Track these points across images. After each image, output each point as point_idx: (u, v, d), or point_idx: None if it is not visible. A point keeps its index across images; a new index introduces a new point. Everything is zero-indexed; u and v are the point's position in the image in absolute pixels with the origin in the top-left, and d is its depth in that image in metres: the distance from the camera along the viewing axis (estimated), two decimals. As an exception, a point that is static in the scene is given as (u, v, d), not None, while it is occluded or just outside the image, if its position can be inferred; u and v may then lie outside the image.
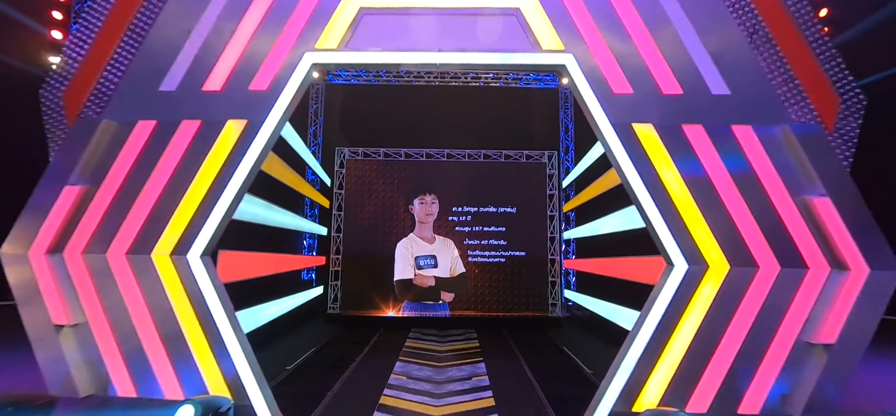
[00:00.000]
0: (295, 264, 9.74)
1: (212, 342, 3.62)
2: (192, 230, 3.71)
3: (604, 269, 8.13)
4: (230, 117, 3.83)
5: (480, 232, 10.07)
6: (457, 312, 9.84)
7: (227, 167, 3.75)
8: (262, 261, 7.58)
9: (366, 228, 10.05)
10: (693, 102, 3.74)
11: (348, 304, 9.91)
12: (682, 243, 3.60)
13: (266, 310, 7.28)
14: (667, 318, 3.56)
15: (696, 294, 3.60)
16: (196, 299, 3.65)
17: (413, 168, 10.20)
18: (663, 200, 3.64)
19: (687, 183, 3.67)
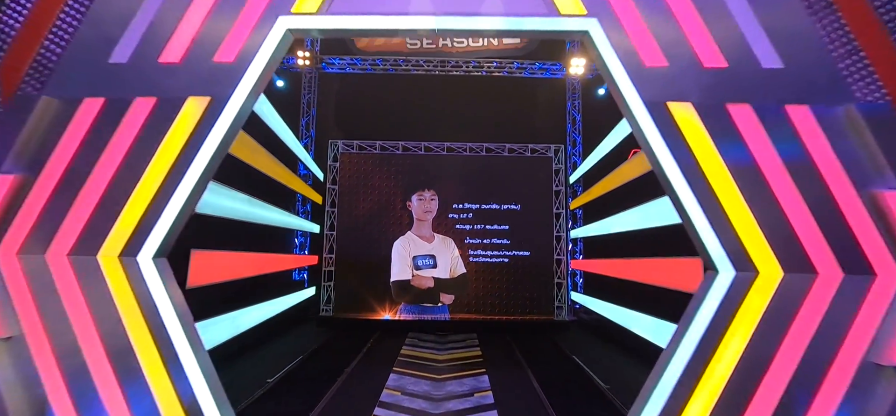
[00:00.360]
0: (284, 263, 9.17)
1: (166, 360, 3.06)
2: (144, 227, 3.14)
3: (618, 271, 7.55)
4: (191, 94, 3.25)
5: (482, 231, 9.50)
6: (457, 315, 9.28)
7: (186, 152, 3.17)
8: (245, 261, 7.00)
9: (361, 225, 9.48)
10: (739, 77, 3.16)
11: (342, 306, 9.35)
12: (727, 245, 3.03)
13: (249, 315, 6.71)
14: (709, 333, 2.99)
15: (744, 305, 3.03)
16: (148, 308, 3.08)
17: (411, 162, 9.62)
18: (704, 194, 3.07)
19: (732, 173, 3.10)
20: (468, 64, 11.07)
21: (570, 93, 11.38)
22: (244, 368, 5.90)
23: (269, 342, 7.65)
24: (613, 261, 7.86)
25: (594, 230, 9.12)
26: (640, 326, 6.68)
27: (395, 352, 6.81)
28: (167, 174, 3.18)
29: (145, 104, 3.27)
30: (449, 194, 9.53)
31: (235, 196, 6.16)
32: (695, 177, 3.10)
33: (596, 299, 9.33)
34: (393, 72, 11.09)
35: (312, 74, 11.23)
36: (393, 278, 9.28)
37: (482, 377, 5.49)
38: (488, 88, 11.14)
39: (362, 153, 9.67)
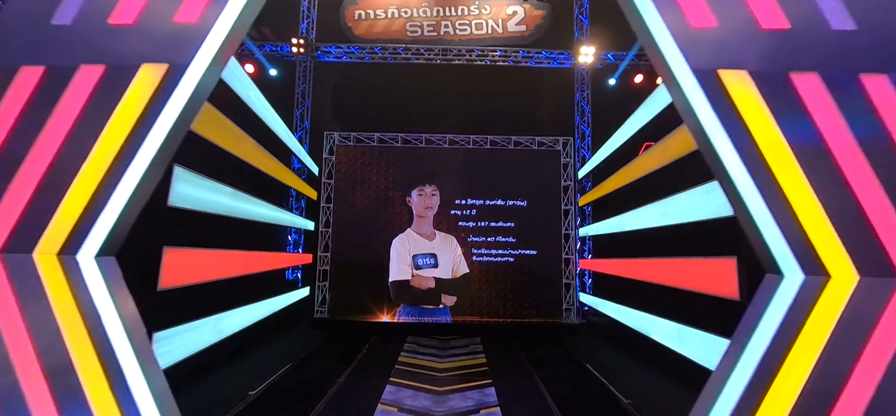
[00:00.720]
0: (275, 262, 8.65)
1: (112, 379, 2.53)
2: (88, 219, 2.62)
3: (635, 272, 7.01)
4: (145, 60, 2.73)
5: (486, 228, 8.97)
6: (459, 318, 8.76)
7: (139, 130, 2.65)
8: (230, 260, 6.47)
9: (357, 222, 8.95)
10: (805, 40, 2.63)
11: (337, 308, 8.83)
12: (793, 243, 2.50)
13: (235, 318, 6.19)
14: (773, 349, 2.47)
15: (813, 316, 2.50)
16: (91, 317, 2.56)
17: (411, 156, 9.09)
18: (764, 181, 2.54)
19: (797, 155, 2.57)
20: (471, 52, 10.53)
21: (579, 83, 10.84)
22: (228, 377, 5.39)
23: (259, 347, 7.14)
24: (630, 261, 7.32)
25: (607, 227, 8.59)
26: (661, 332, 6.15)
27: (392, 359, 6.29)
28: (116, 156, 2.65)
29: (92, 73, 2.75)
30: (451, 190, 9.00)
31: (218, 189, 5.65)
32: (752, 160, 2.56)
33: (607, 302, 8.80)
34: (392, 60, 10.56)
35: (307, 62, 10.70)
36: (391, 278, 8.76)
37: (488, 390, 4.97)
38: (493, 77, 10.61)
39: (359, 146, 9.14)
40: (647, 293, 7.81)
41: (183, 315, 5.37)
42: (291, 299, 8.98)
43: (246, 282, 7.63)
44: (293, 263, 9.80)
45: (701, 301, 6.18)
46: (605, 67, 10.76)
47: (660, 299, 7.51)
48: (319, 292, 9.09)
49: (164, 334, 4.69)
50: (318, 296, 9.07)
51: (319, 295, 9.08)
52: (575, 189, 9.27)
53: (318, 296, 9.07)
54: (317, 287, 9.06)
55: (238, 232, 7.58)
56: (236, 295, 7.04)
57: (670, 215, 6.18)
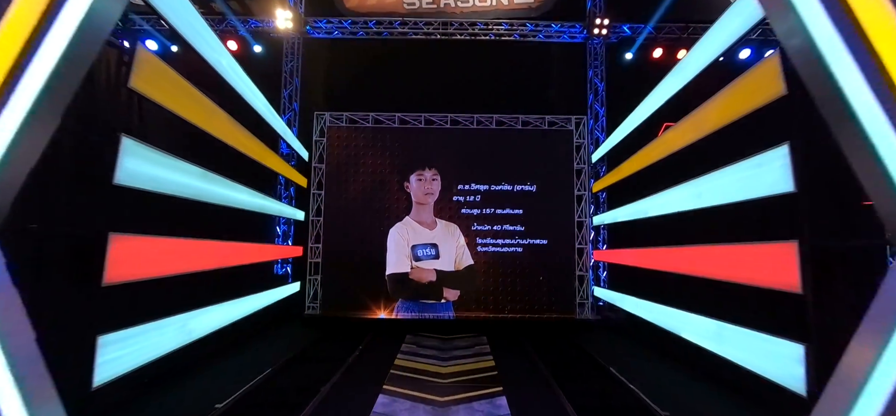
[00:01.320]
0: (261, 255, 7.91)
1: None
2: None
3: (663, 263, 6.25)
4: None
5: (492, 215, 8.21)
6: (463, 313, 8.04)
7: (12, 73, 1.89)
8: (205, 252, 5.74)
9: (351, 210, 8.20)
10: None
11: (330, 303, 8.11)
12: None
13: (206, 318, 5.47)
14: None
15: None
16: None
17: (409, 137, 8.31)
18: (906, 123, 1.75)
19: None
20: (473, 27, 9.70)
21: (592, 58, 10.00)
22: (197, 385, 4.68)
23: (243, 348, 6.43)
24: (655, 251, 6.54)
25: (628, 214, 7.81)
26: (695, 330, 5.40)
27: (388, 361, 5.57)
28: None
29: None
30: (453, 174, 8.23)
31: (181, 168, 4.90)
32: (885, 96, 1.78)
33: (626, 296, 8.06)
34: (388, 36, 9.73)
35: (295, 39, 9.89)
36: (389, 271, 8.03)
37: (499, 400, 4.23)
38: (498, 53, 9.79)
39: (353, 127, 8.36)
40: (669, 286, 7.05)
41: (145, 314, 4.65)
42: (278, 295, 8.27)
43: (228, 277, 6.92)
44: (281, 256, 9.08)
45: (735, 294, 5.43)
46: (620, 41, 9.92)
47: (682, 291, 6.75)
48: (310, 287, 8.36)
49: (113, 337, 3.97)
50: (308, 291, 8.34)
51: (310, 290, 8.35)
52: (588, 173, 8.48)
53: (310, 291, 8.35)
54: (307, 281, 8.34)
55: (218, 222, 6.85)
56: (216, 291, 6.35)
57: (708, 195, 5.39)
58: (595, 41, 9.91)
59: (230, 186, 6.39)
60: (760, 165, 4.58)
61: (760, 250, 4.72)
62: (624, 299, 7.84)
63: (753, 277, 4.69)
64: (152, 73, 4.46)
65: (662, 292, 7.06)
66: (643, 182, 8.26)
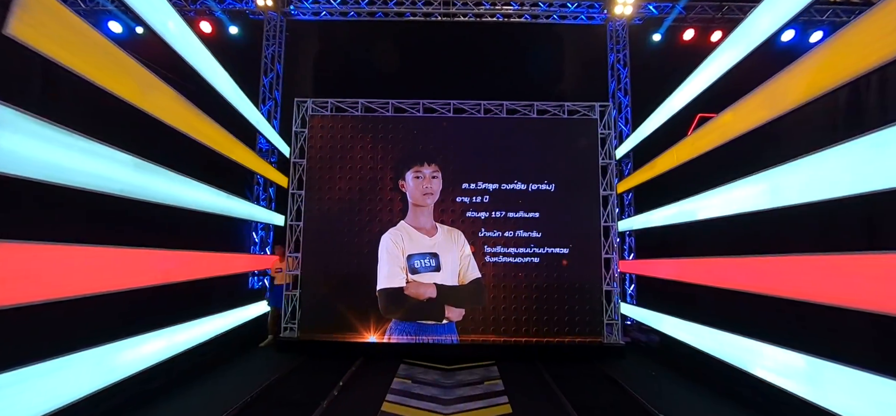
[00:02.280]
0: (228, 265, 6.67)
1: None
2: None
3: (719, 276, 5.01)
4: None
5: (503, 219, 6.98)
6: (469, 337, 6.77)
7: None
8: (148, 264, 4.52)
9: (336, 214, 6.98)
10: None
11: (310, 324, 6.85)
12: None
13: (140, 348, 4.23)
14: None
15: None
16: None
17: (406, 127, 7.12)
18: None
19: None
20: (479, 6, 8.57)
21: (614, 42, 8.86)
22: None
23: (196, 382, 5.19)
24: (716, 262, 5.29)
25: (669, 216, 6.57)
26: (775, 366, 4.13)
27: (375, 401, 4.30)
28: None
29: None
30: (457, 170, 7.02)
31: (96, 152, 3.70)
32: None
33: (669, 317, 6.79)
34: (382, 18, 8.60)
35: (277, 20, 8.77)
36: (380, 286, 6.78)
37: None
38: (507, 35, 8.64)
39: (340, 116, 7.17)
40: (722, 306, 5.82)
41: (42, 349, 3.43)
42: (246, 315, 7.00)
43: (186, 295, 5.71)
44: (254, 267, 7.84)
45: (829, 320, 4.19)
46: (646, 22, 8.79)
47: (735, 311, 5.50)
48: (288, 304, 7.10)
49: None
50: (285, 309, 7.08)
51: (288, 307, 7.09)
52: (614, 170, 7.25)
53: (286, 309, 7.08)
54: (284, 298, 7.07)
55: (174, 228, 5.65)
56: (165, 313, 5.12)
57: (791, 190, 4.16)
58: (617, 23, 8.77)
59: (181, 181, 5.17)
60: (879, 145, 3.37)
61: (874, 262, 3.48)
62: (675, 323, 6.54)
63: (860, 298, 3.46)
64: (45, 17, 3.26)
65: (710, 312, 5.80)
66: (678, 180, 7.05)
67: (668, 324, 6.67)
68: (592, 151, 7.10)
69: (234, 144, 7.21)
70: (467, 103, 7.27)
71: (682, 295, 6.80)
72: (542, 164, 7.07)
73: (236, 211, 6.75)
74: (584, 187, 7.04)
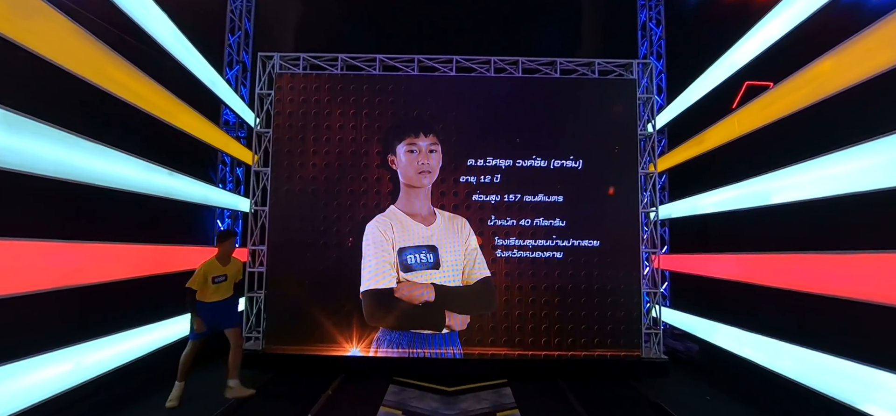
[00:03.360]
0: (167, 261, 5.33)
1: None
2: None
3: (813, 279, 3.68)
4: None
5: (518, 204, 5.64)
6: (475, 349, 5.48)
7: None
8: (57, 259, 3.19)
9: (310, 196, 5.63)
10: None
11: (278, 333, 5.54)
12: None
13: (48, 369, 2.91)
14: None
15: None
16: None
17: (397, 89, 5.74)
18: None
19: None
20: (489, -51, 7.12)
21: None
22: None
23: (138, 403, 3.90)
24: (806, 258, 3.96)
25: (731, 199, 5.24)
26: None
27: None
28: None
29: None
30: (461, 143, 5.66)
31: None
32: None
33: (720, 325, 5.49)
34: (370, -41, 7.16)
35: (244, -38, 7.33)
36: (365, 287, 5.47)
37: None
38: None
39: (315, 74, 5.77)
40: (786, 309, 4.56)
41: None
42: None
43: (124, 297, 4.44)
44: None
45: None
46: (687, -30, 7.37)
47: (816, 322, 4.22)
48: (252, 308, 5.77)
49: None
50: (249, 314, 5.75)
51: (251, 311, 5.76)
52: (654, 144, 5.89)
53: (250, 314, 5.75)
54: (246, 300, 5.74)
55: (112, 216, 4.36)
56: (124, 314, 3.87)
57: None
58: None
59: (121, 159, 3.83)
60: None
61: None
62: (741, 337, 5.24)
63: None
64: None
65: (783, 321, 4.51)
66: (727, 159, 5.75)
67: (726, 336, 5.36)
68: (630, 120, 5.73)
69: (206, 125, 5.85)
70: (474, 60, 5.88)
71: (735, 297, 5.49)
72: (567, 135, 5.71)
73: (182, 192, 5.39)
74: (620, 165, 5.68)
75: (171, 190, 5.20)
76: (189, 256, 5.77)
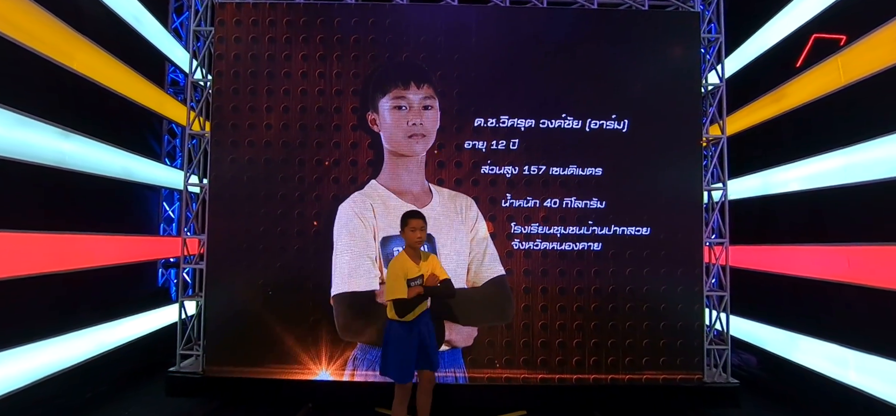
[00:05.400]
0: (79, 253, 3.98)
1: None
2: None
3: None
4: None
5: (542, 179, 4.28)
6: (484, 372, 4.19)
7: None
8: None
9: (263, 169, 4.26)
10: None
11: (223, 351, 4.21)
12: None
13: None
14: None
15: None
16: None
17: (380, 24, 4.31)
18: None
19: None
20: None
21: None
22: None
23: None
24: None
25: (829, 171, 3.89)
26: None
27: None
28: None
29: None
30: (465, 97, 4.27)
31: None
32: None
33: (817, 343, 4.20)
34: None
35: None
36: (337, 289, 4.17)
37: None
38: None
39: (270, 4, 4.33)
40: None
41: None
42: (130, 331, 4.44)
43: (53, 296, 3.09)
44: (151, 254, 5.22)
45: None
46: None
47: None
48: (189, 314, 4.44)
49: None
50: (185, 320, 4.41)
51: (188, 321, 4.43)
52: (723, 102, 4.51)
53: (188, 324, 4.42)
54: (183, 307, 4.39)
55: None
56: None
57: None
58: None
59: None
60: None
61: None
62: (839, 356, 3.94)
63: None
64: None
65: None
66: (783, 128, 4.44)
67: (817, 354, 4.04)
68: (692, 67, 4.33)
69: (140, 84, 4.49)
70: (482, -14, 4.44)
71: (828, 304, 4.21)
72: (608, 87, 4.32)
73: (86, 162, 4.01)
74: (678, 126, 4.31)
75: (65, 158, 3.80)
76: (118, 247, 4.42)
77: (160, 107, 5.52)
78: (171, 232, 6.22)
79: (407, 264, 3.20)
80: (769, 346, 4.84)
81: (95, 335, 4.37)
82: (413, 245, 3.27)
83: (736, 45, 5.56)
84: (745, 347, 5.27)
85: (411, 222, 3.24)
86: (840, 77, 4.03)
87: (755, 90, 5.21)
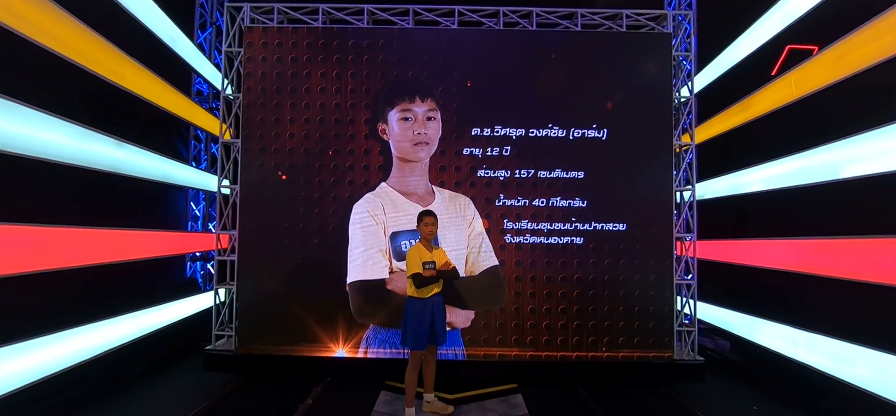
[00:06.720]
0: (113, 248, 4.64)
1: None
2: None
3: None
4: None
5: (531, 181, 4.89)
6: (480, 350, 4.83)
7: None
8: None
9: (287, 172, 4.88)
10: None
11: (252, 332, 4.88)
12: None
13: None
14: None
15: None
16: None
17: (388, 45, 4.94)
18: None
19: None
20: None
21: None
22: None
23: None
24: None
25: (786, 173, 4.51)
26: None
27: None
28: None
29: None
30: (464, 109, 4.90)
31: None
32: None
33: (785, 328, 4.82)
34: None
35: None
36: (352, 278, 4.80)
37: None
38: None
39: (292, 28, 4.96)
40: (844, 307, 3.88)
41: None
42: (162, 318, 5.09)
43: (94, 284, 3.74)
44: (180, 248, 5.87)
45: None
46: None
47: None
48: (223, 299, 5.09)
49: None
50: (221, 308, 5.06)
51: (222, 305, 5.08)
52: (693, 108, 5.12)
53: (222, 310, 5.07)
54: (216, 294, 5.05)
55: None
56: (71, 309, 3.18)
57: None
58: None
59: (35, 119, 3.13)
60: None
61: None
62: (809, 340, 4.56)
63: None
64: None
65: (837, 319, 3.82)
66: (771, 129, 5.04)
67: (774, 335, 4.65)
68: (664, 82, 4.94)
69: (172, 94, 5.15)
70: (480, 11, 5.07)
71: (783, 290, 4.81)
72: (589, 100, 4.95)
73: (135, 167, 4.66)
74: (651, 135, 4.93)
75: (120, 164, 4.46)
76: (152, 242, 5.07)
77: (190, 115, 6.17)
78: (197, 228, 6.89)
79: (422, 252, 3.83)
80: (733, 328, 5.45)
81: (140, 319, 5.02)
82: (427, 237, 3.90)
83: (710, 58, 6.17)
84: (720, 332, 5.88)
85: (426, 219, 3.87)
86: (792, 92, 4.63)
87: (723, 101, 5.81)
